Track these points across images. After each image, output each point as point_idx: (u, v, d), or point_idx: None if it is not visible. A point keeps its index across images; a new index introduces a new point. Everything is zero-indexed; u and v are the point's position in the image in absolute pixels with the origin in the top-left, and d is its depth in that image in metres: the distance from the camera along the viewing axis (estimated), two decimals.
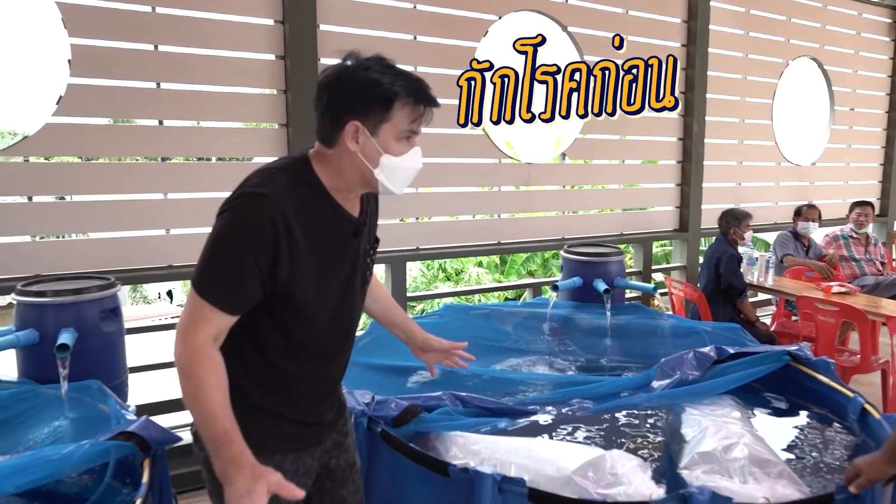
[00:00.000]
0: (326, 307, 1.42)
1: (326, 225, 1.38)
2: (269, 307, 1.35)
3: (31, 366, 2.44)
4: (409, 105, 1.33)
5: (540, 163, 4.36)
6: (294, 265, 1.31)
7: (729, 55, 5.10)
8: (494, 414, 2.46)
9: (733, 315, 4.26)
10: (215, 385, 1.26)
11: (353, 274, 1.47)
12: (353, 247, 1.45)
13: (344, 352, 1.57)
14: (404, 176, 1.40)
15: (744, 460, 1.95)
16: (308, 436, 1.51)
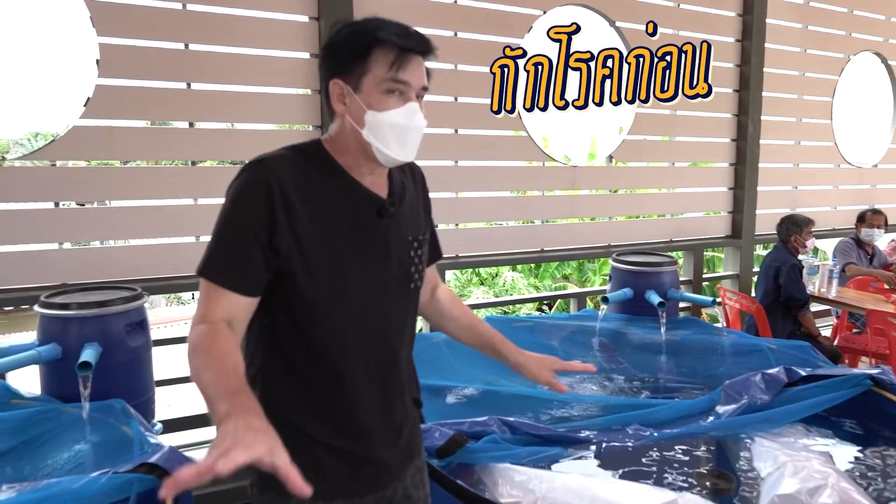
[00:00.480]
0: (347, 300, 1.23)
1: (338, 201, 1.22)
2: (283, 299, 1.20)
3: (53, 382, 2.31)
4: (391, 52, 1.18)
5: (585, 165, 4.13)
6: (297, 239, 1.17)
7: (786, 50, 4.79)
8: (545, 442, 2.25)
9: (793, 329, 3.98)
10: (230, 351, 1.09)
11: (385, 265, 1.28)
12: (379, 230, 1.27)
13: (392, 369, 1.33)
14: (397, 135, 1.21)
15: None
16: (357, 477, 1.29)
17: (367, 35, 1.18)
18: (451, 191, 3.61)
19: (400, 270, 1.31)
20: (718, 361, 3.02)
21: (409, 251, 1.33)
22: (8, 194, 2.65)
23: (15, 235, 2.69)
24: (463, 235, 3.71)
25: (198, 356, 1.09)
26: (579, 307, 4.02)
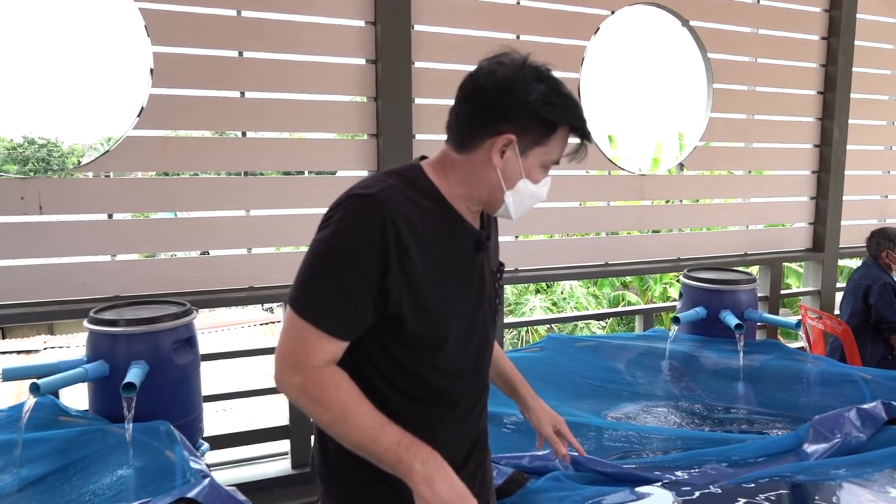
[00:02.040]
0: (451, 336, 1.19)
1: (444, 234, 1.17)
2: (381, 334, 1.15)
3: (100, 401, 2.26)
4: (567, 136, 1.19)
5: (654, 174, 3.89)
6: (409, 281, 1.10)
7: (878, 48, 4.41)
8: (614, 480, 2.06)
9: (885, 354, 3.63)
10: (359, 399, 1.10)
11: (481, 299, 1.25)
12: (476, 264, 1.23)
13: (479, 401, 1.32)
14: (529, 204, 1.23)
15: None
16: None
17: (563, 111, 1.16)
18: None
19: (491, 302, 1.29)
20: (804, 391, 2.75)
21: (494, 283, 1.31)
22: (62, 206, 2.64)
23: (69, 247, 2.67)
24: (523, 248, 3.52)
25: (331, 411, 1.08)
26: (645, 325, 3.78)
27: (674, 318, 3.04)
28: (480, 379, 1.31)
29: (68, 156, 21.62)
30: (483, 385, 1.32)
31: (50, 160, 21.21)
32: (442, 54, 3.15)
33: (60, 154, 21.98)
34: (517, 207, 1.21)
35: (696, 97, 4.10)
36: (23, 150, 22.44)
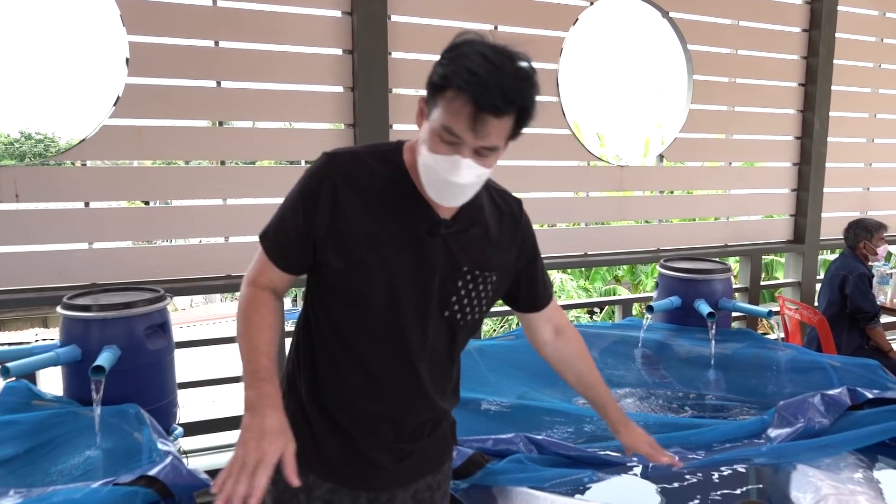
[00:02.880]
0: (374, 298, 1.23)
1: (393, 204, 1.22)
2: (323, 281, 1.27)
3: (74, 384, 2.29)
4: (460, 99, 1.06)
5: (634, 165, 3.92)
6: (336, 230, 1.21)
7: (859, 40, 4.43)
8: (575, 463, 2.09)
9: (861, 343, 3.66)
10: (266, 326, 1.24)
11: (425, 284, 1.24)
12: (426, 248, 1.23)
13: (407, 386, 1.30)
14: (432, 181, 1.15)
15: None
16: (350, 469, 1.33)
17: (453, 73, 1.06)
18: None
19: (440, 295, 1.27)
20: (773, 379, 2.78)
21: (456, 280, 1.27)
22: (39, 194, 2.66)
23: (47, 235, 2.70)
24: None
25: (240, 322, 1.25)
26: (624, 314, 3.81)
27: (647, 306, 3.07)
28: (411, 361, 1.28)
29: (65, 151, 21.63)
30: (414, 369, 1.29)
31: (47, 155, 21.23)
32: (419, 45, 3.17)
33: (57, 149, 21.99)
34: (425, 179, 1.15)
35: (676, 89, 4.12)
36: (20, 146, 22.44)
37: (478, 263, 1.29)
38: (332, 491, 1.33)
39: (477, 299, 1.31)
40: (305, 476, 1.27)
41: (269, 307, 1.26)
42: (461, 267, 1.27)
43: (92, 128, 2.73)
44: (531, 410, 2.50)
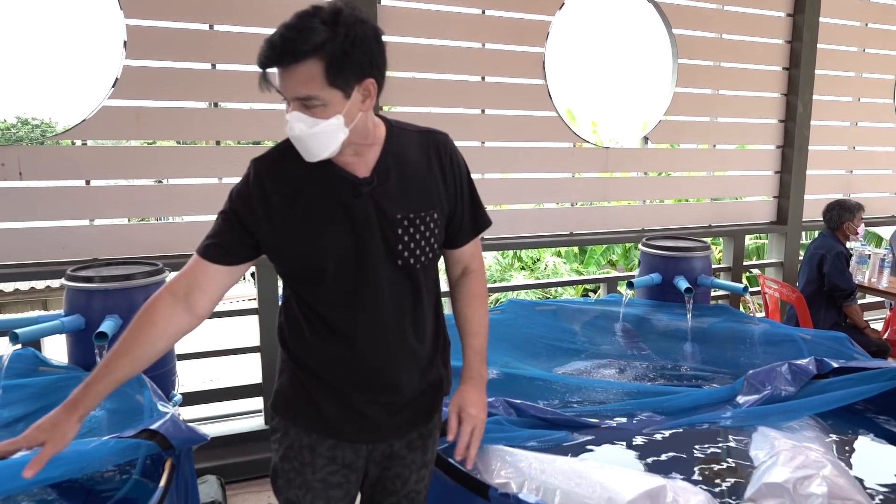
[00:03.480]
0: (329, 269, 1.34)
1: (314, 185, 1.34)
2: (283, 273, 1.41)
3: (78, 352, 2.42)
4: None
5: (619, 147, 4.02)
6: (273, 221, 1.32)
7: (844, 24, 4.52)
8: (551, 425, 2.22)
9: (838, 320, 3.78)
10: (127, 337, 1.33)
11: (366, 241, 1.34)
12: (356, 208, 1.33)
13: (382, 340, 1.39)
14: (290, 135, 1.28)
15: (822, 498, 1.63)
16: (348, 425, 1.43)
17: None
18: (477, 172, 3.56)
19: (387, 245, 1.35)
20: (747, 351, 2.90)
21: (395, 229, 1.35)
22: (41, 172, 2.77)
23: (49, 212, 2.81)
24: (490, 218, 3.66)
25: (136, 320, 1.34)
26: (608, 292, 3.93)
27: (628, 282, 3.19)
28: (377, 316, 1.37)
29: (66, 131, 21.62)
30: (381, 323, 1.38)
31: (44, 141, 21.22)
32: (408, 28, 3.25)
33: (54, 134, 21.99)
34: None
35: (661, 72, 4.21)
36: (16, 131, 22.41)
37: (410, 208, 1.36)
38: (334, 447, 1.43)
39: (423, 240, 1.38)
40: (309, 435, 1.43)
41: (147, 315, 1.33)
42: (395, 215, 1.34)
43: (91, 109, 2.82)
44: (513, 378, 2.63)
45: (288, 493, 1.46)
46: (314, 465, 1.44)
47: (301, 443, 1.43)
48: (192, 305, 1.34)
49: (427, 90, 3.33)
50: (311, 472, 1.44)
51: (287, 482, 1.46)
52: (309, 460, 1.44)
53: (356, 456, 1.46)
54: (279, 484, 1.48)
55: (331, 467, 1.44)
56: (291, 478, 1.45)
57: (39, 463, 1.26)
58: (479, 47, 3.45)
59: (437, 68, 3.36)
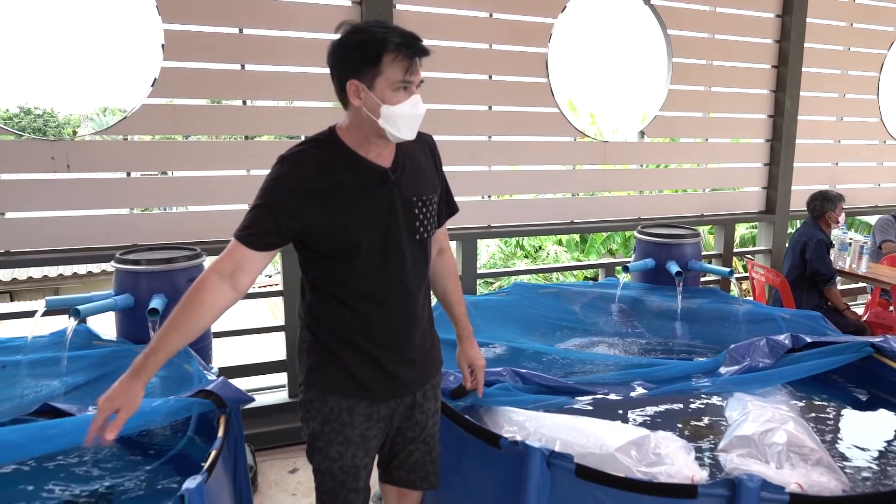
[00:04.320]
0: (362, 247, 1.58)
1: (349, 175, 1.57)
2: (319, 253, 1.59)
3: (127, 327, 2.69)
4: (399, 58, 1.48)
5: (617, 141, 4.27)
6: (315, 212, 1.53)
7: (830, 25, 4.76)
8: (552, 392, 2.49)
9: (819, 302, 4.06)
10: (181, 313, 1.52)
11: (394, 221, 1.62)
12: (384, 193, 1.60)
13: (408, 304, 1.69)
14: (408, 122, 1.54)
15: (782, 446, 1.90)
16: (379, 387, 1.69)
17: (378, 44, 1.47)
18: (485, 164, 3.83)
19: (408, 223, 1.65)
20: (731, 329, 3.17)
21: (413, 209, 1.65)
22: (87, 165, 3.02)
23: (93, 201, 3.07)
24: (495, 206, 3.93)
25: (185, 299, 1.53)
26: (606, 276, 4.19)
27: (624, 266, 3.46)
28: (403, 282, 1.65)
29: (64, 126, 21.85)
30: (407, 289, 1.67)
31: (46, 130, 21.36)
32: (422, 31, 3.43)
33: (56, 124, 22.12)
34: (396, 128, 1.52)
35: (657, 70, 4.46)
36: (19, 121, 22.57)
37: (422, 191, 1.67)
38: (370, 406, 1.69)
39: (431, 217, 1.70)
40: (346, 400, 1.67)
41: (201, 293, 1.52)
42: (412, 198, 1.64)
43: (132, 106, 3.08)
44: (519, 351, 2.90)
45: (328, 452, 1.70)
46: (353, 424, 1.69)
47: (340, 407, 1.67)
48: (235, 284, 1.54)
49: (438, 88, 3.58)
50: (351, 429, 1.69)
51: (328, 443, 1.69)
52: (348, 420, 1.68)
53: (389, 410, 1.74)
54: (318, 445, 1.71)
55: (367, 423, 1.70)
56: (332, 437, 1.69)
57: (118, 426, 1.47)
58: (486, 48, 3.70)
59: (448, 68, 3.61)
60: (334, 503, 1.75)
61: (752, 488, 1.56)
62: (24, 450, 1.74)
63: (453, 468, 2.02)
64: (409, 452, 1.83)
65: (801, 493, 1.65)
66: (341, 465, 1.71)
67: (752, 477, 1.58)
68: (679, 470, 1.78)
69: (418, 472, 1.85)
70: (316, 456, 1.74)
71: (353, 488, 1.74)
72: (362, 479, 1.76)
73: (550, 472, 1.75)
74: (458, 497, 2.03)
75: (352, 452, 1.71)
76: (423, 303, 1.75)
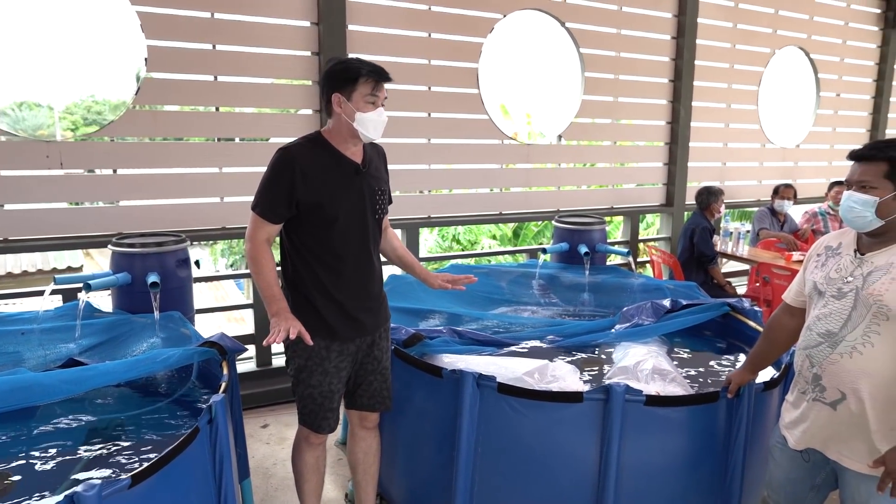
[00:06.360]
0: (340, 218, 2.15)
1: (332, 164, 2.17)
2: (307, 221, 2.15)
3: (124, 301, 3.15)
4: (369, 80, 2.11)
5: (538, 144, 4.96)
6: (309, 189, 2.11)
7: (717, 46, 5.60)
8: (483, 344, 3.11)
9: (705, 279, 4.85)
10: (270, 268, 2.18)
11: (362, 202, 2.21)
12: (356, 182, 2.20)
13: (368, 265, 2.29)
14: (374, 126, 2.14)
15: (649, 370, 2.60)
16: (347, 330, 2.27)
17: (356, 70, 2.10)
18: (425, 163, 4.44)
19: (371, 205, 2.27)
20: (627, 297, 3.88)
21: (374, 195, 2.27)
22: (78, 163, 3.46)
23: (83, 195, 3.51)
24: (434, 200, 4.54)
25: (256, 264, 2.18)
26: (529, 259, 4.87)
27: (542, 249, 4.14)
28: (366, 246, 2.26)
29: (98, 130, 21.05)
30: (368, 253, 2.27)
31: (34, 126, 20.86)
32: (371, 48, 4.07)
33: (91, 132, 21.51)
34: (367, 129, 2.11)
35: (572, 83, 5.18)
36: None
37: (380, 184, 2.30)
38: (341, 344, 2.27)
39: (384, 203, 2.32)
40: (324, 340, 2.24)
41: (268, 253, 2.16)
42: (375, 188, 2.26)
43: (119, 112, 3.53)
44: (457, 316, 3.51)
45: (311, 381, 2.28)
46: (329, 358, 2.27)
47: (319, 346, 2.25)
48: (270, 245, 2.18)
49: None
50: (329, 362, 2.27)
51: (310, 374, 2.27)
52: (326, 356, 2.27)
53: (355, 347, 2.32)
54: (302, 377, 2.28)
55: (340, 357, 2.29)
56: (314, 369, 2.27)
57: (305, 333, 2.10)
58: (426, 63, 4.31)
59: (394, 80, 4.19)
60: (315, 421, 2.33)
61: (619, 392, 2.23)
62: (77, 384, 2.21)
63: (405, 397, 2.62)
64: (369, 382, 2.42)
65: (653, 395, 2.32)
66: (321, 390, 2.29)
67: (620, 384, 2.25)
68: (569, 385, 2.43)
69: (377, 397, 2.45)
70: (300, 385, 2.31)
71: (329, 408, 2.32)
72: (336, 401, 2.34)
73: (479, 391, 2.37)
74: (409, 418, 2.63)
75: (328, 381, 2.29)
76: (378, 265, 2.37)
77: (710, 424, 2.36)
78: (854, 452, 1.83)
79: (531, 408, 2.32)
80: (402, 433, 2.71)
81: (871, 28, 6.67)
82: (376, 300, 2.36)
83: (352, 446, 2.53)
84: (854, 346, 1.79)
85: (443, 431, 2.47)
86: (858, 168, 1.85)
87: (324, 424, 2.32)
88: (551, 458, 2.33)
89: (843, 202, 1.85)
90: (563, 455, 2.33)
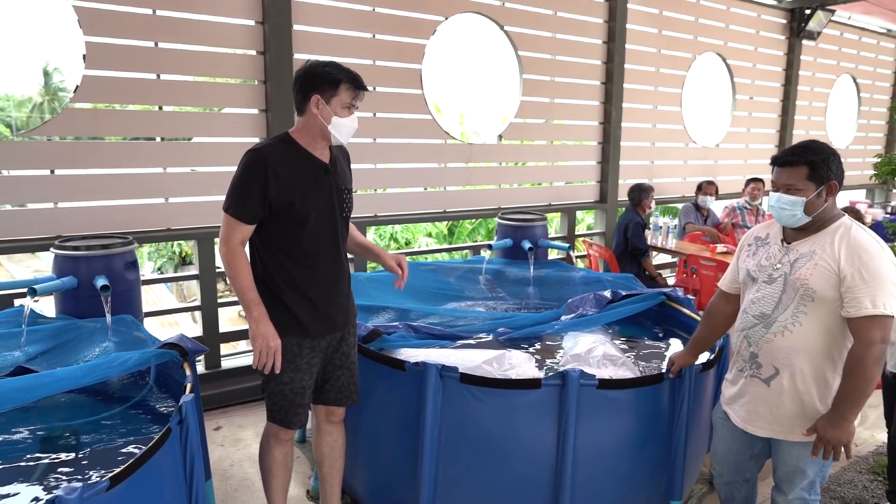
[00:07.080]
0: (311, 217, 2.19)
1: (302, 166, 2.20)
2: (278, 220, 2.17)
3: (70, 306, 3.06)
4: (350, 88, 2.18)
5: (480, 143, 5.10)
6: (281, 189, 2.13)
7: (644, 51, 5.91)
8: (438, 338, 3.21)
9: (638, 271, 5.13)
10: (246, 272, 2.18)
11: (331, 201, 2.26)
12: (325, 181, 2.24)
13: (338, 262, 2.33)
14: (347, 131, 2.22)
15: (600, 357, 2.77)
16: (319, 327, 2.30)
17: (338, 76, 2.14)
18: (371, 163, 4.49)
19: (339, 204, 2.32)
20: (570, 290, 4.07)
21: (342, 194, 2.33)
22: (14, 163, 3.32)
23: (20, 196, 3.37)
24: (380, 199, 4.60)
25: (232, 268, 2.17)
26: (474, 255, 5.01)
27: (488, 245, 4.28)
28: (336, 244, 2.30)
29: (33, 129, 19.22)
30: (337, 249, 2.31)
31: None
32: (317, 48, 4.09)
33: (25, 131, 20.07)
34: (340, 134, 2.18)
35: (510, 84, 5.35)
36: None
37: (346, 183, 2.35)
38: (312, 341, 2.30)
39: (350, 202, 2.38)
40: (296, 337, 2.26)
41: (244, 257, 2.17)
42: (342, 188, 2.31)
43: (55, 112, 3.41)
44: (409, 312, 3.60)
45: (282, 378, 2.29)
46: (301, 355, 2.30)
47: (291, 343, 2.27)
48: (243, 246, 2.18)
49: None
50: (301, 359, 2.30)
51: (282, 370, 2.28)
52: (298, 352, 2.29)
53: (326, 343, 2.37)
54: (274, 373, 2.28)
55: (311, 354, 2.33)
56: (286, 366, 2.29)
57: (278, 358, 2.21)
58: (371, 63, 4.36)
59: None
60: (285, 417, 2.36)
61: (574, 377, 2.38)
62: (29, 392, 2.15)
63: (369, 391, 2.68)
64: (337, 377, 2.47)
65: (605, 378, 2.49)
66: (292, 387, 2.32)
67: (575, 370, 2.40)
68: (526, 372, 2.57)
69: (344, 391, 2.50)
70: (271, 382, 2.33)
71: (300, 404, 2.36)
72: (307, 397, 2.38)
73: (442, 382, 2.47)
74: (372, 411, 2.70)
75: (300, 377, 2.32)
76: (347, 262, 2.42)
77: (655, 404, 2.55)
78: (786, 422, 2.04)
79: (492, 395, 2.43)
80: (364, 428, 2.77)
81: (779, 37, 7.19)
82: (346, 297, 2.41)
83: (318, 441, 2.58)
84: (785, 325, 2.00)
85: (405, 424, 2.55)
86: (783, 172, 2.05)
87: (294, 420, 2.35)
88: (511, 443, 2.46)
89: (773, 203, 2.06)
90: (522, 440, 2.46)
